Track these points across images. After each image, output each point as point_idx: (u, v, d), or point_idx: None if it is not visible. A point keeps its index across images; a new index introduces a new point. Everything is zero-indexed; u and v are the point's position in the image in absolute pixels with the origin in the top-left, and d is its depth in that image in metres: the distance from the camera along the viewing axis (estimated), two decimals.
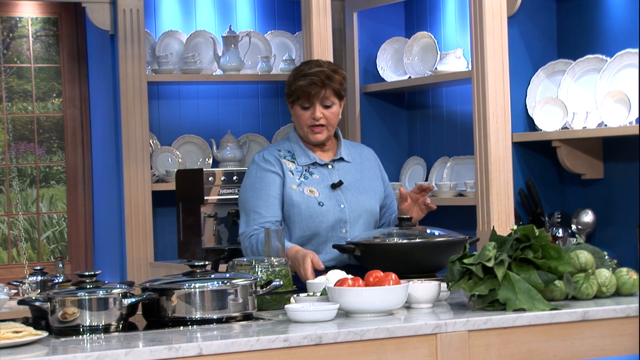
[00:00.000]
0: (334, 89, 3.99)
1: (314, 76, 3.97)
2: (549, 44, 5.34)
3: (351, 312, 3.21)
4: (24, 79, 6.13)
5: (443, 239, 3.87)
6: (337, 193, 4.02)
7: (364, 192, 4.08)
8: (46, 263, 5.99)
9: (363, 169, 4.15)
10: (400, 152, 6.11)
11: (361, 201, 4.05)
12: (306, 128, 4.02)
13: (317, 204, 3.97)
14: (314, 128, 4.01)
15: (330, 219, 3.98)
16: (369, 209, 4.07)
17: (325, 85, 3.97)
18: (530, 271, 3.30)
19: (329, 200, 3.99)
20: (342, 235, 3.99)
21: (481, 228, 4.93)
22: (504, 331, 3.18)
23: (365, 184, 4.11)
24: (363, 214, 4.04)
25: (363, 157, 4.20)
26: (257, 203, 3.97)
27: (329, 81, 3.97)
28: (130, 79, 5.70)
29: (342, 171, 4.09)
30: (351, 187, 4.06)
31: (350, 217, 4.01)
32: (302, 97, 3.98)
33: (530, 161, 5.29)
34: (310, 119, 3.99)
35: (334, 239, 3.99)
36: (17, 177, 6.08)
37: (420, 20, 6.00)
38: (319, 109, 3.98)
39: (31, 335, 2.88)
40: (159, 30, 6.04)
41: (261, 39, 6.15)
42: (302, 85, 3.97)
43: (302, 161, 4.04)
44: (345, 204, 4.01)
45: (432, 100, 5.99)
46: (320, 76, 3.97)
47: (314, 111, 3.98)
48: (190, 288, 3.18)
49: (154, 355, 2.78)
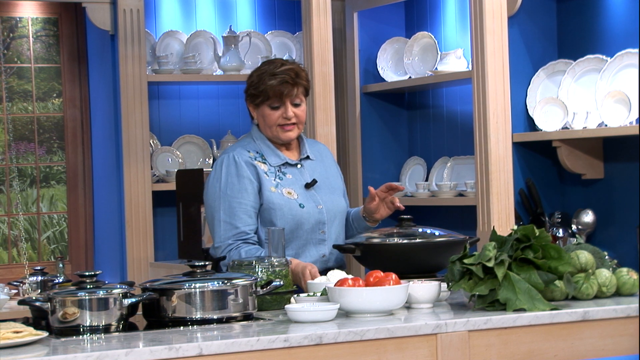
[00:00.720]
0: (304, 86, 3.92)
1: (284, 74, 3.87)
2: (549, 44, 5.34)
3: (352, 312, 3.21)
4: (24, 79, 6.13)
5: (443, 239, 3.87)
6: (312, 193, 3.93)
7: (334, 191, 4.01)
8: (46, 263, 5.99)
9: (326, 167, 4.06)
10: (401, 152, 6.11)
11: (335, 201, 3.98)
12: (275, 127, 3.90)
13: (298, 205, 3.87)
14: (285, 127, 3.90)
15: (311, 220, 3.88)
16: (342, 209, 4.00)
17: (296, 84, 3.88)
18: (530, 271, 3.30)
19: (307, 202, 3.90)
20: (320, 237, 3.91)
21: (481, 228, 4.93)
22: (504, 331, 3.18)
23: (332, 182, 4.02)
24: (338, 214, 3.97)
25: (323, 154, 4.10)
26: (229, 212, 3.82)
27: (298, 79, 3.89)
28: (130, 79, 5.70)
29: (310, 170, 3.99)
30: (322, 186, 3.97)
31: (327, 217, 3.93)
32: (273, 96, 3.87)
33: (530, 161, 5.29)
34: (281, 118, 3.88)
35: (313, 241, 3.91)
36: (17, 177, 6.08)
37: (421, 20, 6.00)
38: (290, 107, 3.88)
39: (31, 335, 2.88)
40: (159, 31, 6.04)
41: (261, 39, 6.15)
42: (272, 85, 3.86)
43: (273, 161, 3.92)
44: (322, 205, 3.93)
45: (432, 101, 5.99)
46: (290, 74, 3.87)
47: (286, 110, 3.88)
48: (191, 288, 3.18)
49: (154, 356, 2.78)
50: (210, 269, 3.35)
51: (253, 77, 3.95)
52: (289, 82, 3.87)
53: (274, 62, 3.96)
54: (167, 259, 5.89)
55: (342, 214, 4.01)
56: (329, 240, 3.93)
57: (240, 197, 3.83)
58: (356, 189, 6.02)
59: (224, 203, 3.84)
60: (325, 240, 3.93)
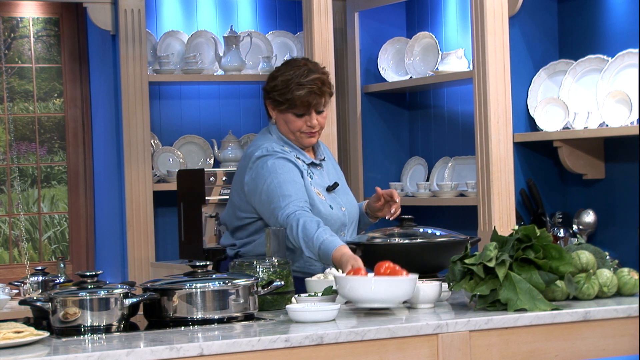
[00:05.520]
0: (329, 94, 3.84)
1: (312, 85, 3.78)
2: (550, 44, 5.34)
3: (359, 302, 3.19)
4: (25, 79, 6.13)
5: (444, 239, 3.87)
6: (333, 195, 3.89)
7: (348, 193, 3.98)
8: (47, 263, 6.00)
9: (335, 168, 4.04)
10: (402, 152, 6.11)
11: (353, 203, 3.96)
12: (299, 133, 3.84)
13: (328, 207, 3.84)
14: (310, 133, 3.85)
15: (337, 222, 3.86)
16: (356, 210, 3.98)
17: (323, 93, 3.80)
18: (531, 271, 3.30)
19: (334, 203, 3.87)
20: (342, 239, 3.82)
21: (482, 228, 4.93)
22: (505, 331, 3.18)
23: (343, 183, 3.99)
24: (355, 216, 3.97)
25: (329, 155, 4.07)
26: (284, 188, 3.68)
27: (324, 87, 3.81)
28: (131, 79, 5.70)
29: (327, 171, 3.97)
30: (342, 190, 3.95)
31: (348, 219, 3.92)
32: (300, 106, 3.79)
33: (531, 161, 5.29)
34: (305, 125, 3.82)
35: None
36: (18, 177, 6.08)
37: (422, 21, 6.00)
38: (314, 115, 3.82)
39: (32, 335, 2.88)
40: (160, 31, 6.04)
41: (262, 39, 6.15)
42: (300, 95, 3.76)
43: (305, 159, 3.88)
44: (345, 207, 3.91)
45: (433, 101, 5.99)
46: (318, 84, 3.78)
47: (311, 119, 3.81)
48: (192, 288, 3.18)
49: (155, 356, 2.78)
50: (211, 269, 3.35)
51: (277, 81, 3.82)
52: (316, 92, 3.78)
53: (299, 67, 3.82)
54: (168, 259, 5.90)
55: (357, 214, 3.99)
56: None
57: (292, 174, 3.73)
58: (357, 189, 6.02)
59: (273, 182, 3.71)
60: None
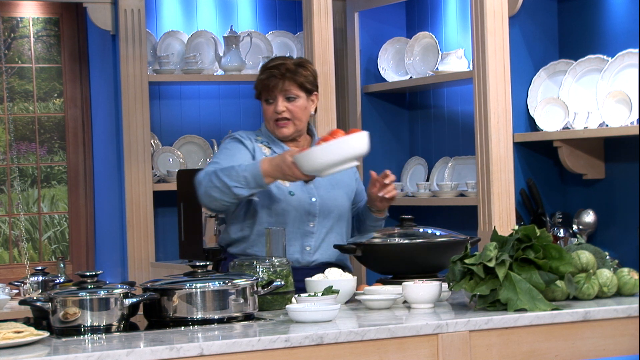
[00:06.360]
0: (297, 81, 3.90)
1: (273, 69, 3.90)
2: (550, 44, 5.33)
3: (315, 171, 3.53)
4: (25, 79, 6.13)
5: (444, 239, 3.87)
6: (310, 187, 3.91)
7: (337, 187, 3.98)
8: (47, 263, 6.00)
9: None
10: (402, 152, 6.11)
11: (333, 196, 3.96)
12: (272, 123, 3.93)
13: (287, 192, 3.87)
14: (279, 122, 3.91)
15: (299, 209, 3.87)
16: (339, 205, 3.96)
17: (286, 78, 3.88)
18: (531, 271, 3.30)
19: (300, 192, 3.90)
20: (308, 229, 3.89)
21: (482, 228, 4.93)
22: (505, 331, 3.18)
23: (338, 179, 3.99)
24: (334, 209, 3.95)
25: None
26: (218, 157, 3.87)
27: (290, 74, 3.88)
28: (131, 79, 5.70)
29: None
30: (324, 182, 3.95)
31: (320, 211, 3.91)
32: (263, 90, 3.92)
33: (531, 161, 5.29)
34: (274, 112, 3.91)
35: (300, 232, 3.88)
36: (18, 177, 6.08)
37: (422, 21, 6.00)
38: (281, 102, 3.89)
39: (32, 335, 2.88)
40: (160, 31, 6.04)
41: (262, 39, 6.15)
42: (262, 79, 3.92)
43: (277, 150, 3.93)
44: (317, 198, 3.91)
45: (433, 101, 5.99)
46: (281, 69, 3.89)
47: (276, 104, 3.90)
48: (192, 288, 3.18)
49: (155, 356, 2.78)
50: (211, 269, 3.35)
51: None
52: (275, 75, 3.89)
53: (274, 59, 4.00)
54: (168, 259, 5.90)
55: (340, 209, 3.98)
56: (318, 234, 3.91)
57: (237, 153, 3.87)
58: None
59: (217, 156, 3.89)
60: (313, 234, 3.90)
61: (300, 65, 3.94)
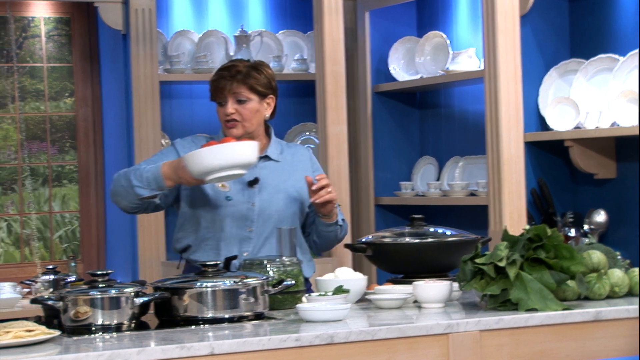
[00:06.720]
0: (248, 84, 3.86)
1: (224, 71, 3.89)
2: (562, 43, 5.32)
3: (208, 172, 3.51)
4: (36, 79, 6.14)
5: (455, 239, 3.86)
6: (253, 191, 3.86)
7: (283, 192, 3.90)
8: (58, 262, 6.01)
9: (293, 170, 3.96)
10: (412, 152, 6.11)
11: (275, 200, 3.88)
12: (223, 124, 3.90)
13: (224, 198, 3.83)
14: (228, 123, 3.87)
15: (235, 215, 3.83)
16: (281, 210, 3.87)
17: (236, 80, 3.85)
18: (542, 271, 3.29)
19: (239, 197, 3.84)
20: (246, 234, 3.83)
21: (493, 228, 4.92)
22: (516, 331, 3.18)
23: (289, 185, 3.91)
24: (274, 214, 3.86)
25: (295, 158, 4.00)
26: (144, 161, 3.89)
27: (240, 76, 3.86)
28: (142, 79, 5.71)
29: (266, 170, 3.91)
30: (269, 186, 3.89)
31: (258, 216, 3.85)
32: (213, 92, 3.91)
33: (542, 161, 5.28)
34: (224, 114, 3.88)
35: (237, 237, 3.83)
36: (29, 176, 6.09)
37: (432, 20, 5.99)
38: (231, 104, 3.86)
39: (44, 334, 2.89)
40: (171, 30, 6.04)
41: (273, 39, 6.15)
42: (212, 80, 3.91)
43: None
44: (257, 203, 3.85)
45: (444, 100, 5.99)
46: (231, 71, 3.87)
47: (226, 107, 3.88)
48: (202, 287, 3.18)
49: (165, 355, 2.78)
50: (221, 268, 3.35)
51: None
52: (226, 77, 3.87)
53: (229, 61, 4.00)
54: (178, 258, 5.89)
55: (281, 214, 3.87)
56: (256, 240, 3.83)
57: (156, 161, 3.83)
58: (367, 189, 6.02)
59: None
60: (251, 239, 3.83)
61: (254, 68, 3.90)
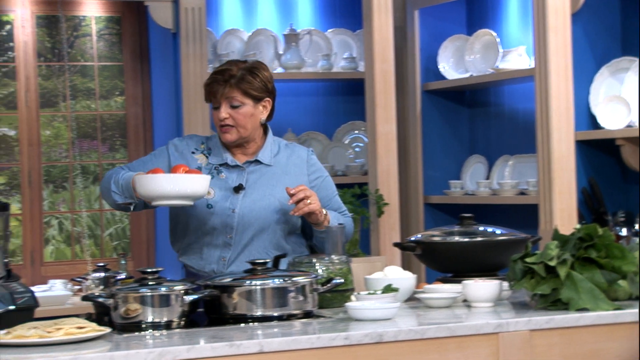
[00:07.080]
0: (241, 89, 3.75)
1: (218, 74, 3.77)
2: (613, 41, 5.28)
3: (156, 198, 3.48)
4: (87, 77, 6.19)
5: (504, 238, 3.84)
6: (237, 197, 3.78)
7: (269, 199, 3.80)
8: (109, 260, 6.05)
9: (283, 174, 3.86)
10: (462, 151, 6.08)
11: (256, 209, 3.78)
12: (218, 128, 3.81)
13: (205, 205, 3.77)
14: (222, 128, 3.78)
15: (216, 222, 3.76)
16: (263, 217, 3.78)
17: (229, 84, 3.74)
18: (593, 270, 3.27)
19: (221, 203, 3.77)
20: (226, 241, 3.76)
21: (543, 227, 4.89)
22: (567, 331, 3.16)
23: (276, 191, 3.81)
24: (255, 221, 3.77)
25: (290, 160, 3.90)
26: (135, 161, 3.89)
27: (234, 80, 3.74)
28: (192, 77, 5.73)
29: (254, 174, 3.83)
30: (255, 192, 3.80)
31: (238, 222, 3.77)
32: (207, 95, 3.80)
33: (593, 160, 5.24)
34: (218, 118, 3.78)
35: (218, 243, 3.78)
36: (80, 174, 6.14)
37: (482, 18, 5.97)
38: (225, 108, 3.75)
39: (94, 331, 2.91)
40: (221, 29, 6.07)
41: (322, 37, 6.15)
42: (206, 84, 3.80)
43: (213, 160, 3.83)
44: (237, 210, 3.77)
45: (493, 98, 5.96)
46: (225, 75, 3.76)
47: (219, 111, 3.77)
48: (252, 285, 3.19)
49: (215, 352, 2.79)
50: (270, 267, 3.36)
51: None
52: (219, 82, 3.75)
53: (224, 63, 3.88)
54: None
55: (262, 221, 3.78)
56: (236, 246, 3.77)
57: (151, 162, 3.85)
58: (416, 187, 6.00)
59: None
60: (231, 246, 3.78)
61: (249, 71, 3.79)
